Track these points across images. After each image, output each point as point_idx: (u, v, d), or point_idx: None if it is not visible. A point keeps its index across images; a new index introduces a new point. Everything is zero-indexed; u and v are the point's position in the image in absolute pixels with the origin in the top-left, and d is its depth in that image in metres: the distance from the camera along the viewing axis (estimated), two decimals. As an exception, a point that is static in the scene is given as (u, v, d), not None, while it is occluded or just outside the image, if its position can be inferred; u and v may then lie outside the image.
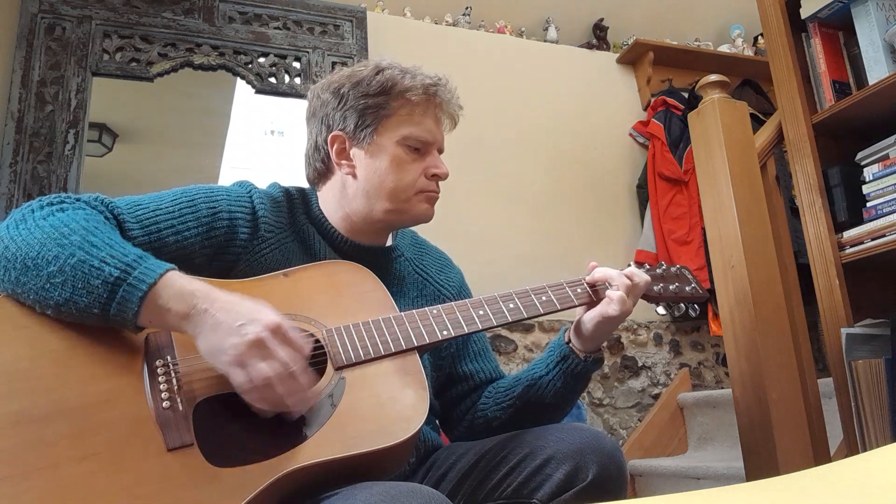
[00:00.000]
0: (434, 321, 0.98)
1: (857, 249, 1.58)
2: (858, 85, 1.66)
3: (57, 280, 0.81)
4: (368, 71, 1.09)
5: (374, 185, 1.08)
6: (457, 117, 1.14)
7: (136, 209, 0.97)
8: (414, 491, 0.75)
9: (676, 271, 1.21)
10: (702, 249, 2.71)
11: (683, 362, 2.83)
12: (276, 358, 0.79)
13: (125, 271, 0.81)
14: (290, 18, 2.58)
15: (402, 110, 1.08)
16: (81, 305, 0.80)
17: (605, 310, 1.05)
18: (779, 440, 1.42)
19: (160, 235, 0.96)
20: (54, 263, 0.81)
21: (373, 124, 1.07)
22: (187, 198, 1.01)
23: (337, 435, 0.82)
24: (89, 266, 0.81)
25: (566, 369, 1.10)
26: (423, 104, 1.08)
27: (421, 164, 1.09)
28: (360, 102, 1.07)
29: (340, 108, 1.09)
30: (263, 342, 0.79)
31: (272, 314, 0.82)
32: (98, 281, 0.80)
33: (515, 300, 1.04)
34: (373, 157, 1.08)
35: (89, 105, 2.24)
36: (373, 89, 1.07)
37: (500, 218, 2.73)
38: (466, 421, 1.17)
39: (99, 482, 0.73)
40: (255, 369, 0.79)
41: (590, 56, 3.16)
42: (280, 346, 0.80)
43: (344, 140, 1.09)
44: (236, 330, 0.79)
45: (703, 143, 1.63)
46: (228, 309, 0.81)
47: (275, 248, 1.04)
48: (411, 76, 1.08)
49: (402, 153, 1.08)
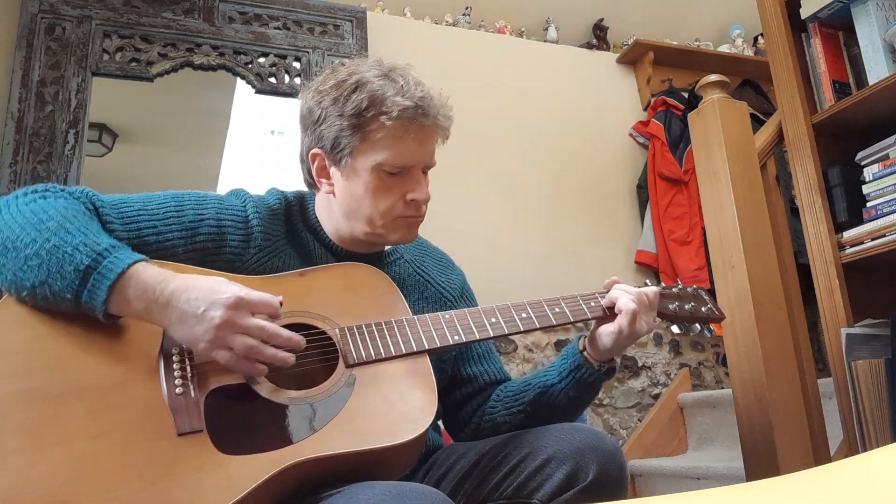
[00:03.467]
0: (446, 326, 0.99)
1: (857, 249, 1.58)
2: (858, 85, 1.66)
3: (33, 262, 0.83)
4: (348, 86, 1.02)
5: (351, 209, 1.06)
6: (447, 132, 1.08)
7: (121, 205, 0.98)
8: (415, 490, 0.76)
9: (693, 291, 1.20)
10: (702, 249, 2.71)
11: (683, 362, 2.83)
12: (250, 327, 0.83)
13: (96, 260, 0.83)
14: (290, 18, 2.58)
15: (376, 134, 1.01)
16: (55, 289, 0.82)
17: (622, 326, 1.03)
18: (779, 440, 1.42)
19: (140, 234, 0.96)
20: (31, 247, 0.84)
21: (347, 147, 1.02)
22: (176, 202, 1.01)
23: (344, 430, 0.83)
24: (63, 252, 0.83)
25: (580, 378, 1.09)
26: (400, 127, 1.01)
27: (400, 189, 1.04)
28: (336, 123, 1.02)
29: (320, 125, 1.04)
30: (231, 320, 0.82)
31: (228, 289, 0.84)
32: (70, 267, 0.82)
33: (528, 310, 1.03)
34: (348, 181, 1.04)
35: (89, 105, 2.24)
36: (348, 110, 1.01)
37: (500, 218, 2.73)
38: (473, 423, 1.17)
39: (109, 460, 0.75)
40: (236, 342, 0.83)
41: (590, 56, 3.16)
42: (248, 316, 0.84)
43: (323, 158, 1.06)
44: (202, 317, 0.82)
45: (703, 143, 1.63)
46: (187, 297, 0.83)
47: (272, 256, 1.04)
48: (393, 93, 1.00)
49: (378, 179, 1.02)
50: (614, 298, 1.06)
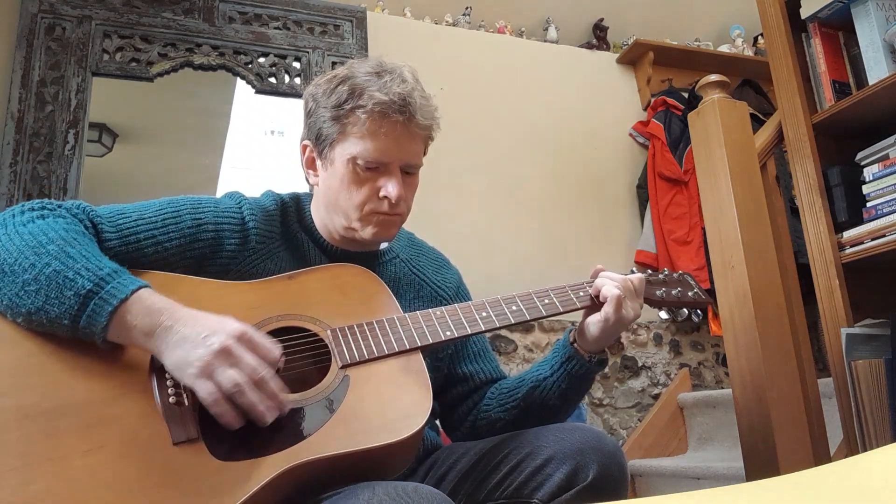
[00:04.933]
0: (437, 322, 0.99)
1: (857, 249, 1.58)
2: (858, 85, 1.66)
3: (31, 288, 0.81)
4: (336, 80, 1.05)
5: (330, 201, 1.07)
6: (430, 133, 1.08)
7: (117, 218, 0.97)
8: (416, 490, 0.76)
9: (679, 277, 1.21)
10: (702, 249, 2.71)
11: (683, 362, 2.83)
12: (244, 364, 0.80)
13: (98, 285, 0.81)
14: (290, 18, 2.58)
15: (352, 127, 1.02)
16: (52, 315, 0.81)
17: (608, 314, 1.04)
18: (779, 440, 1.42)
19: (139, 245, 0.96)
20: (30, 272, 0.82)
21: (328, 139, 1.05)
22: (173, 208, 1.01)
23: (340, 431, 0.83)
24: (63, 277, 0.81)
25: (571, 370, 1.10)
26: (375, 122, 1.01)
27: (373, 184, 1.04)
28: (322, 114, 1.05)
29: (309, 117, 1.08)
30: (230, 349, 0.79)
31: (237, 323, 0.82)
32: (70, 292, 0.80)
33: (518, 302, 1.04)
34: (327, 172, 1.07)
35: (89, 105, 2.24)
36: (331, 102, 1.03)
37: (500, 218, 2.73)
38: (469, 422, 1.17)
39: (105, 473, 0.74)
40: (224, 377, 0.78)
41: (590, 56, 3.16)
42: (247, 353, 0.81)
43: (312, 150, 1.09)
44: (201, 342, 0.80)
45: (703, 143, 1.63)
46: (193, 323, 0.81)
47: (266, 258, 1.04)
48: (375, 88, 1.01)
49: (352, 173, 1.03)
50: (599, 286, 1.07)
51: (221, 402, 0.79)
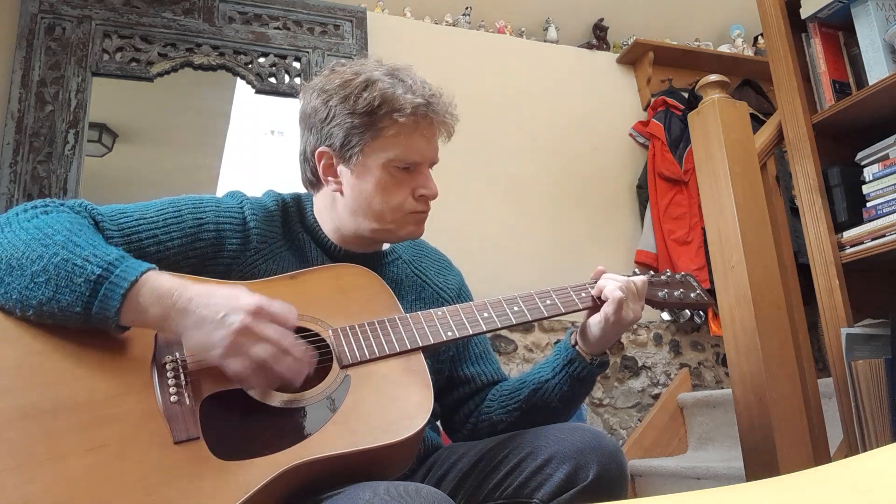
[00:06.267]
0: (439, 323, 0.99)
1: (857, 249, 1.58)
2: (858, 85, 1.66)
3: (41, 279, 0.81)
4: (358, 84, 1.04)
5: (360, 206, 1.06)
6: (452, 129, 1.10)
7: (119, 217, 0.97)
8: (416, 490, 0.76)
9: (681, 278, 1.21)
10: (702, 249, 2.71)
11: (683, 362, 2.83)
12: (267, 338, 0.82)
13: (107, 269, 0.82)
14: (290, 18, 2.58)
15: (388, 131, 1.03)
16: (64, 304, 0.81)
17: (608, 314, 1.04)
18: (779, 440, 1.42)
19: (141, 245, 0.96)
20: (38, 263, 0.82)
21: (358, 145, 1.03)
22: (174, 208, 1.01)
23: (341, 431, 0.83)
24: (72, 265, 0.82)
25: (572, 372, 1.09)
26: (411, 124, 1.03)
27: (409, 185, 1.06)
28: (347, 121, 1.03)
29: (328, 123, 1.05)
30: (250, 328, 0.81)
31: (250, 297, 0.84)
32: (81, 279, 0.81)
33: (520, 303, 1.04)
34: (359, 179, 1.05)
35: (89, 105, 2.24)
36: (360, 108, 1.02)
37: (500, 218, 2.73)
38: (470, 424, 1.17)
39: (105, 473, 0.74)
40: (252, 351, 0.81)
41: (590, 56, 3.16)
42: (267, 326, 0.83)
43: (331, 156, 1.07)
44: (220, 322, 0.81)
45: (703, 143, 1.63)
46: (207, 302, 0.82)
47: (268, 258, 1.04)
48: (403, 91, 1.02)
49: (388, 175, 1.04)
50: (602, 287, 1.07)
51: (254, 374, 0.82)
